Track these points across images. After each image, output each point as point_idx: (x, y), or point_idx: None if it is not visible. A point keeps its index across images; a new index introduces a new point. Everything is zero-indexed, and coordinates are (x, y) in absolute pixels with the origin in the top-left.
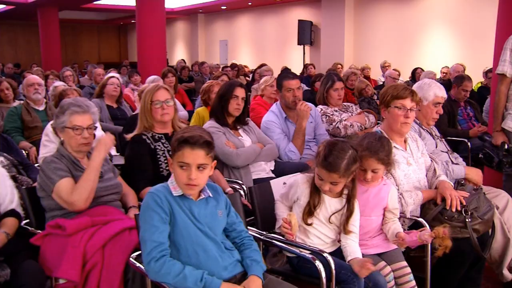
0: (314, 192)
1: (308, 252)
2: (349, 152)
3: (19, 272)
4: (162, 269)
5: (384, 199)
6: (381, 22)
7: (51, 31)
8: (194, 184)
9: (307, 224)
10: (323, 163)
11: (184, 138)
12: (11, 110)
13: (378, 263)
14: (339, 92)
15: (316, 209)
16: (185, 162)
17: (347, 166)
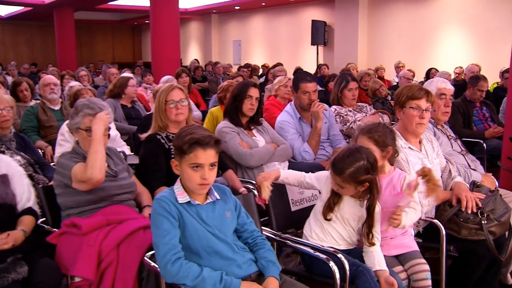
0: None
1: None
2: (360, 162)
3: (36, 270)
4: (180, 272)
5: (397, 186)
6: (395, 22)
7: (67, 32)
8: (207, 184)
9: (326, 219)
10: (332, 162)
11: (195, 140)
12: (28, 110)
13: (395, 266)
14: (353, 92)
15: (335, 206)
16: (199, 163)
17: (352, 174)
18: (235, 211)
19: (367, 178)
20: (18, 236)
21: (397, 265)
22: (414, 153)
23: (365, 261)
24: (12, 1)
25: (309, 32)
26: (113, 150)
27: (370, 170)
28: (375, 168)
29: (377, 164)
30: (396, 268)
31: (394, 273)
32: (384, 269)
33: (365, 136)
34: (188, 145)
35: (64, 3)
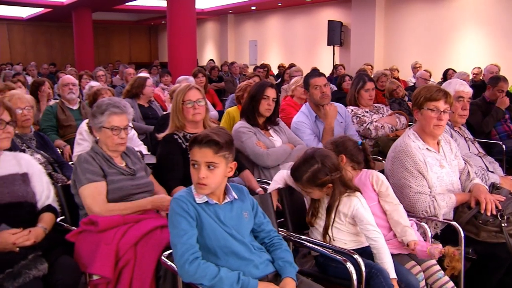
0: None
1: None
2: (314, 166)
3: (56, 267)
4: (197, 272)
5: (366, 183)
6: (412, 22)
7: (85, 32)
8: (203, 183)
9: (312, 226)
10: (290, 172)
11: (193, 138)
12: (47, 109)
13: (407, 263)
14: (370, 92)
15: (319, 211)
16: (194, 160)
17: (308, 179)
18: (252, 211)
19: (326, 180)
20: (39, 233)
21: (409, 261)
22: (432, 155)
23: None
24: (33, 3)
25: (325, 32)
26: (131, 149)
27: (328, 172)
28: (333, 169)
29: (336, 165)
30: (408, 264)
31: (409, 272)
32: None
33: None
34: (190, 143)
35: (82, 4)
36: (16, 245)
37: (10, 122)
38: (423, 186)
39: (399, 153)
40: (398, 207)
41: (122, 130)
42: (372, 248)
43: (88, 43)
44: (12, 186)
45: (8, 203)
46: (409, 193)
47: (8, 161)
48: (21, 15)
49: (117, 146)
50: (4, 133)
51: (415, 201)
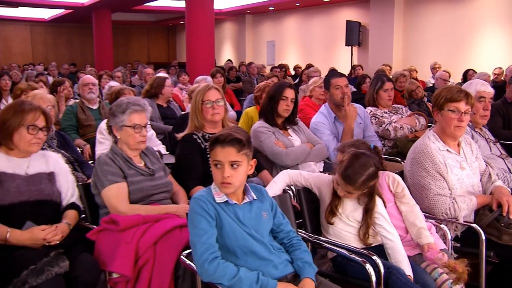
0: (336, 193)
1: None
2: (369, 170)
3: (77, 265)
4: (217, 272)
5: (383, 184)
6: (431, 22)
7: (104, 33)
8: (228, 182)
9: (330, 223)
10: (343, 173)
11: (215, 138)
12: (68, 109)
13: (422, 262)
14: (389, 92)
15: (338, 208)
16: (218, 160)
17: (363, 182)
18: (271, 212)
19: (374, 182)
20: (65, 229)
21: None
22: (452, 156)
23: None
24: (54, 4)
25: (343, 33)
26: (150, 149)
27: (376, 175)
28: (379, 172)
29: (382, 167)
30: (424, 263)
31: (425, 272)
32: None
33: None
34: (210, 143)
35: (102, 5)
36: (45, 241)
37: (43, 128)
38: (443, 188)
39: (418, 154)
40: (414, 208)
41: (143, 128)
42: (387, 248)
43: (108, 43)
44: (39, 185)
45: (34, 201)
46: (429, 195)
47: (37, 160)
48: (43, 17)
49: (138, 144)
50: (35, 138)
51: (434, 203)
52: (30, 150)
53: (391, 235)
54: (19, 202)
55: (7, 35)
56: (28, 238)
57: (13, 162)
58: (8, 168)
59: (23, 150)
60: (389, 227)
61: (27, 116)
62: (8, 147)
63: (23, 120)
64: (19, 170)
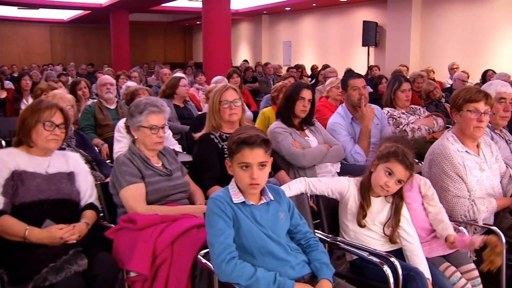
0: (365, 194)
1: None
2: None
3: (95, 263)
4: (234, 272)
5: (414, 184)
6: (449, 22)
7: (122, 33)
8: (257, 183)
9: (361, 226)
10: (403, 159)
11: (242, 139)
12: (86, 109)
13: (441, 265)
14: (407, 93)
15: (367, 210)
16: (246, 162)
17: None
18: (288, 212)
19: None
20: (82, 228)
21: (443, 262)
22: (471, 158)
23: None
24: (73, 5)
25: (360, 33)
26: (168, 149)
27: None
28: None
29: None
30: (442, 266)
31: (443, 275)
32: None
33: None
34: (235, 145)
35: (119, 6)
36: (63, 239)
37: (60, 124)
38: (462, 190)
39: (437, 156)
40: (442, 210)
41: (160, 129)
42: (406, 250)
43: (125, 44)
44: (59, 184)
45: (54, 200)
46: (448, 197)
47: (58, 159)
48: (62, 18)
49: (155, 145)
50: (51, 135)
51: (453, 205)
52: (48, 147)
53: (411, 238)
54: (39, 201)
55: (28, 36)
56: (46, 236)
57: (34, 161)
58: (29, 167)
59: (41, 147)
60: (410, 230)
61: (43, 113)
62: (28, 145)
63: (39, 117)
64: (40, 169)
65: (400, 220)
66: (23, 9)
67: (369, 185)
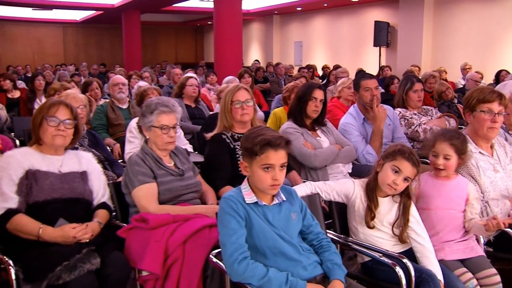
0: (371, 195)
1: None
2: None
3: (108, 262)
4: (246, 272)
5: (464, 190)
6: (462, 22)
7: (133, 33)
8: (278, 184)
9: (371, 227)
10: (410, 157)
11: (267, 141)
12: (98, 108)
13: (457, 269)
14: (419, 93)
15: (375, 211)
16: (271, 163)
17: None
18: (300, 213)
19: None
20: (95, 227)
21: (460, 267)
22: (485, 158)
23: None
24: (86, 6)
25: (371, 33)
26: (180, 149)
27: None
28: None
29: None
30: (458, 271)
31: (457, 278)
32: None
33: (446, 142)
34: (259, 147)
35: (131, 6)
36: (76, 238)
37: (65, 120)
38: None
39: None
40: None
41: (171, 129)
42: (416, 251)
43: (136, 44)
44: (72, 183)
45: (67, 199)
46: None
47: (71, 159)
48: (75, 18)
49: (166, 144)
50: (56, 130)
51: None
52: (54, 143)
53: (421, 238)
54: (52, 199)
55: (41, 36)
56: (60, 235)
57: (47, 160)
58: (43, 166)
59: (48, 143)
60: (420, 230)
61: (48, 109)
62: (38, 144)
63: (44, 114)
64: (53, 168)
65: (409, 219)
66: (37, 10)
67: (375, 185)
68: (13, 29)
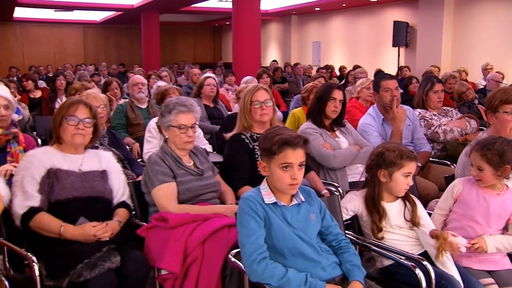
0: (372, 206)
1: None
2: None
3: (127, 261)
4: (265, 272)
5: (508, 210)
6: (483, 22)
7: (152, 33)
8: (297, 183)
9: (380, 239)
10: (410, 154)
11: (285, 140)
12: (118, 108)
13: (483, 278)
14: (439, 94)
15: (382, 221)
16: (289, 162)
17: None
18: (319, 214)
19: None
20: (115, 226)
21: (486, 277)
22: None
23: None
24: (106, 7)
25: (390, 33)
26: (199, 148)
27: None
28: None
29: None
30: (484, 280)
31: (480, 284)
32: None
33: (478, 152)
34: (277, 146)
35: (150, 7)
36: (96, 237)
37: (85, 119)
38: None
39: None
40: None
41: (189, 129)
42: (431, 254)
43: (155, 44)
44: (92, 182)
45: (87, 197)
46: None
47: (91, 158)
48: (95, 19)
49: (185, 144)
50: (75, 129)
51: None
52: (73, 142)
53: (432, 241)
54: (73, 198)
55: (62, 37)
56: (80, 233)
57: (68, 159)
58: (64, 165)
59: (68, 142)
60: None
61: (67, 108)
62: (59, 143)
63: (64, 113)
64: (73, 167)
65: (418, 215)
66: (59, 11)
67: (379, 196)
68: (36, 30)
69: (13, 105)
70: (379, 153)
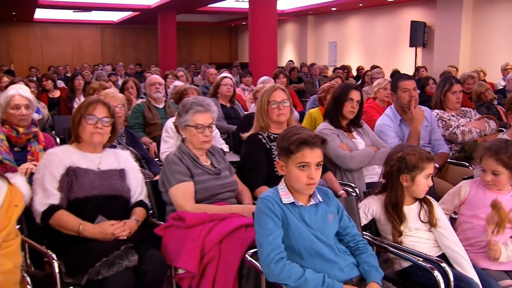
0: (394, 211)
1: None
2: None
3: (145, 259)
4: (283, 272)
5: None
6: (503, 21)
7: (169, 33)
8: (314, 183)
9: (399, 243)
10: (430, 156)
11: (302, 140)
12: (135, 108)
13: (502, 280)
14: (458, 95)
15: (401, 226)
16: (306, 161)
17: None
18: (337, 214)
19: None
20: (133, 225)
21: (506, 279)
22: None
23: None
24: (123, 7)
25: (407, 33)
26: (216, 148)
27: None
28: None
29: None
30: (504, 282)
31: (499, 287)
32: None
33: (492, 157)
34: (295, 145)
35: (167, 7)
36: (114, 235)
37: (103, 118)
38: None
39: None
40: None
41: (206, 128)
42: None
43: (172, 44)
44: (110, 180)
45: (106, 196)
46: None
47: (109, 156)
48: (113, 19)
49: (202, 144)
50: (94, 128)
51: None
52: (92, 141)
53: (449, 242)
54: (92, 196)
55: (80, 37)
56: (99, 232)
57: (86, 158)
58: (83, 163)
59: (87, 141)
60: (449, 234)
61: (86, 108)
62: (78, 142)
63: (82, 112)
64: (92, 166)
65: (435, 216)
66: (77, 11)
67: (401, 203)
68: (55, 31)
69: (33, 104)
70: (400, 158)
